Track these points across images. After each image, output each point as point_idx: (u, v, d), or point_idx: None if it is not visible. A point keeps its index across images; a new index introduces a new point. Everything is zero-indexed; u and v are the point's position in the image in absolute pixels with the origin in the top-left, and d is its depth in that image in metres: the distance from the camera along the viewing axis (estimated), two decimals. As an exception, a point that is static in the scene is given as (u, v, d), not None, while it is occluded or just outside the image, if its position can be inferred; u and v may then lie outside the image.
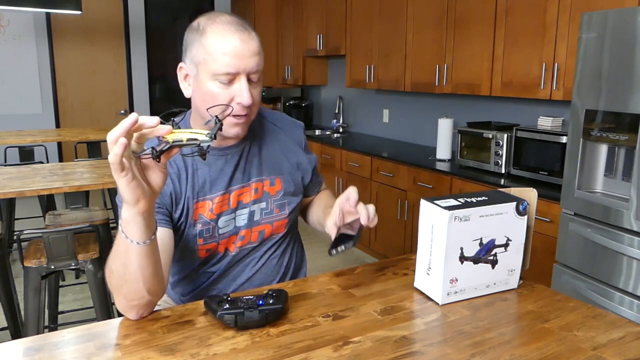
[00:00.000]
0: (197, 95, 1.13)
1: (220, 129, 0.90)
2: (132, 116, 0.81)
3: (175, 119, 0.89)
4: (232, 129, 1.14)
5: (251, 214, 1.24)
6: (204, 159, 0.89)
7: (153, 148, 0.85)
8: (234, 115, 1.12)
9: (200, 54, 1.09)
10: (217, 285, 1.28)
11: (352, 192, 1.12)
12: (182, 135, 0.86)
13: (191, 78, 1.14)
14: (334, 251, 1.08)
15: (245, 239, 1.25)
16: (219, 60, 1.07)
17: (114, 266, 0.98)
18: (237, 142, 1.23)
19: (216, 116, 0.93)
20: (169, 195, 1.16)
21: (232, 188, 1.21)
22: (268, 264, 1.30)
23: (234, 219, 1.23)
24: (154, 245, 0.97)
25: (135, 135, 0.84)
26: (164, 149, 0.86)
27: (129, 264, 0.95)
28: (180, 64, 1.15)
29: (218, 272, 1.26)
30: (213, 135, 0.86)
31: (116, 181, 0.86)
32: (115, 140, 0.80)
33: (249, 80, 1.11)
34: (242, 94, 1.09)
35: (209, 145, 0.87)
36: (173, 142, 0.85)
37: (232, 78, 1.09)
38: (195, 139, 0.86)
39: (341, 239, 1.13)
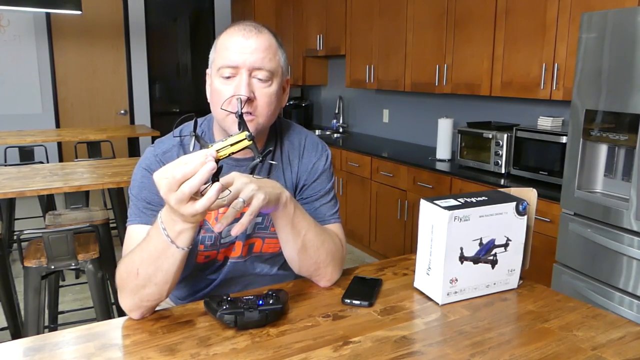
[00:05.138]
0: (210, 95, 1.15)
1: (245, 125, 0.93)
2: (210, 165, 0.83)
3: (196, 132, 0.92)
4: (233, 125, 1.09)
5: None
6: (263, 161, 0.95)
7: (213, 178, 0.86)
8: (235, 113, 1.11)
9: (212, 54, 1.14)
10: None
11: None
12: (225, 150, 0.88)
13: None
14: (347, 301, 1.10)
15: (237, 250, 1.23)
16: (222, 54, 1.10)
17: (143, 270, 0.98)
18: (253, 155, 1.20)
19: (237, 111, 0.97)
20: None
21: None
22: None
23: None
24: None
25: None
26: (217, 168, 0.86)
27: (168, 269, 0.97)
28: (207, 70, 1.19)
29: (217, 281, 1.25)
30: (249, 135, 0.90)
31: (182, 211, 0.86)
32: (197, 185, 0.84)
33: (257, 79, 1.09)
34: (239, 88, 1.07)
35: (253, 142, 0.91)
36: (222, 158, 0.88)
37: (234, 73, 1.08)
38: (239, 144, 0.89)
39: (356, 290, 1.14)
